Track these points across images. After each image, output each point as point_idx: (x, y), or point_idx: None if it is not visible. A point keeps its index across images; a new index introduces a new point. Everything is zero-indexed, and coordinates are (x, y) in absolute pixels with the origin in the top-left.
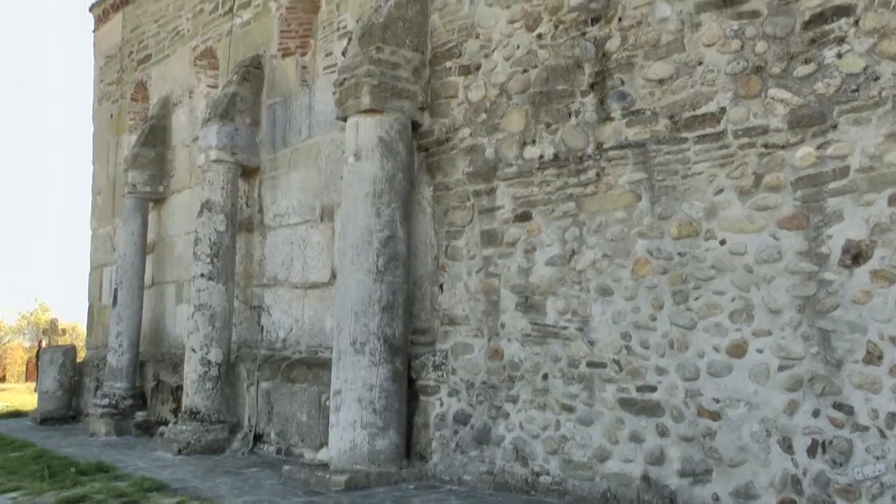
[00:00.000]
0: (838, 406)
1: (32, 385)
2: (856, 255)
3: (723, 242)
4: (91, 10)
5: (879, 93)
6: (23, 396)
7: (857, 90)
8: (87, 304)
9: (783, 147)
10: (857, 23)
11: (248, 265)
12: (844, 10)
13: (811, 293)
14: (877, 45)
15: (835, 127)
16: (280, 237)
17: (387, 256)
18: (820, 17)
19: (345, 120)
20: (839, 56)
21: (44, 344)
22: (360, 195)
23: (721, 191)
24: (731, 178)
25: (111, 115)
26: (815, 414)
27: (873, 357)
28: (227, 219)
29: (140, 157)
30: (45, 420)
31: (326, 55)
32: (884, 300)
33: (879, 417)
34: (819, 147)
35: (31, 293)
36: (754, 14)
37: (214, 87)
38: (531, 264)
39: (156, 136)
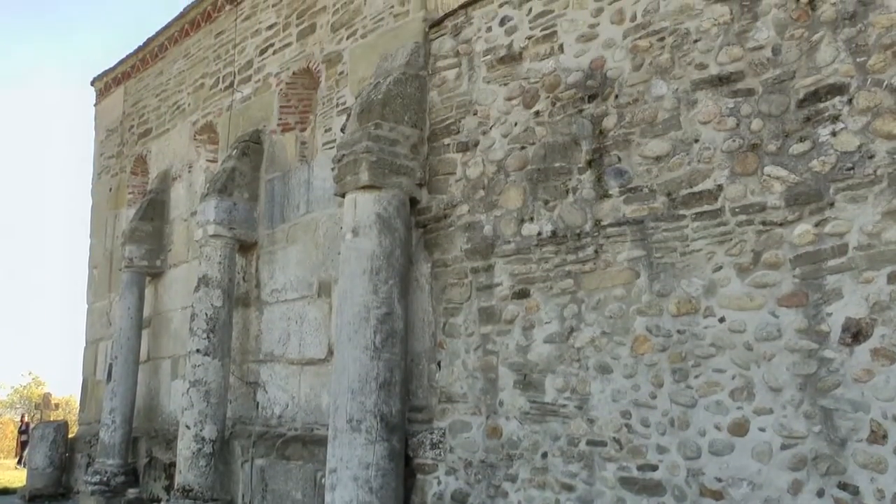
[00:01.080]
0: (843, 486)
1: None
2: (856, 334)
3: (722, 320)
4: (93, 83)
5: (875, 171)
6: (12, 473)
7: (853, 168)
8: (82, 379)
9: (781, 224)
10: (850, 101)
11: (244, 340)
12: (838, 89)
13: (812, 371)
14: (871, 123)
15: (832, 205)
16: (277, 312)
17: (384, 333)
18: (814, 96)
19: (343, 196)
20: (834, 134)
21: (27, 419)
22: (357, 271)
23: (720, 268)
24: (730, 256)
25: (110, 189)
26: (820, 494)
27: (877, 436)
28: (224, 294)
29: (138, 231)
30: (34, 498)
31: (325, 131)
32: (885, 379)
33: (886, 498)
34: (817, 225)
35: (25, 367)
36: (749, 92)
37: (214, 161)
38: (529, 342)
39: (154, 210)
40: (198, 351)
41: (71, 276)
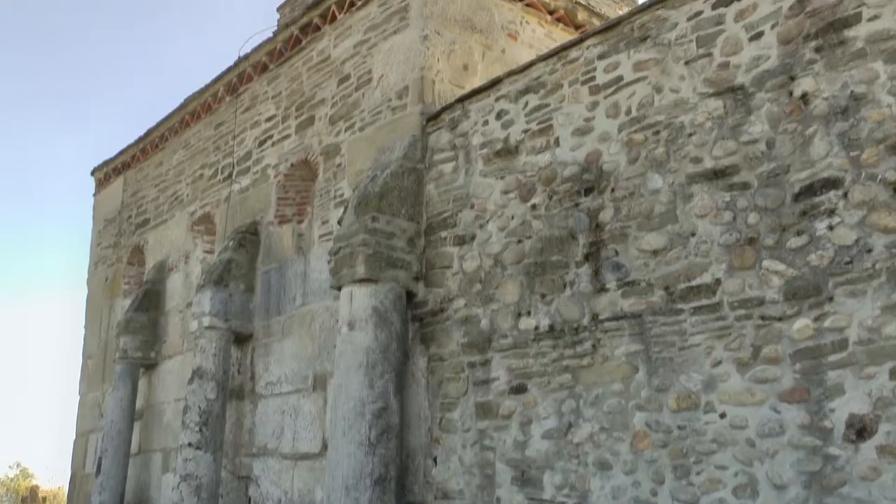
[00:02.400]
0: None
1: None
2: (860, 430)
3: (723, 415)
4: (92, 173)
5: (873, 265)
6: None
7: (851, 262)
8: (70, 472)
9: (780, 319)
10: (845, 195)
11: (237, 434)
12: (833, 183)
13: (817, 468)
14: (867, 217)
15: (831, 299)
16: (271, 406)
17: (379, 429)
18: (809, 190)
19: (339, 289)
20: (831, 228)
21: None
22: (353, 365)
23: (719, 363)
24: (729, 350)
25: (106, 279)
26: None
27: None
28: (218, 386)
29: (133, 321)
30: None
31: (322, 223)
32: (893, 477)
33: None
34: (816, 319)
35: (13, 458)
36: (745, 186)
37: (211, 252)
38: (527, 437)
39: (150, 301)
40: (190, 444)
41: (64, 366)
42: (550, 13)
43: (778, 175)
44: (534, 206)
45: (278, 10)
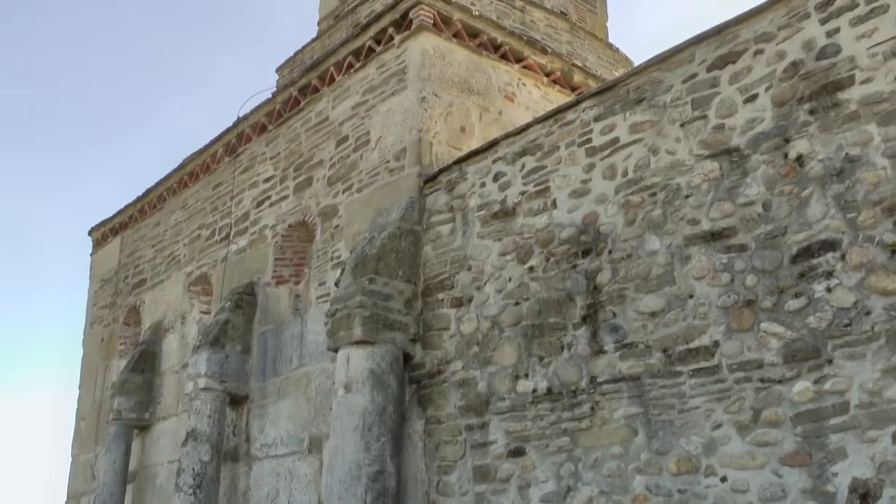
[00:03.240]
0: None
1: None
2: (864, 495)
3: (724, 479)
4: (90, 233)
5: (872, 327)
6: None
7: (850, 325)
8: None
9: (780, 381)
10: (843, 257)
11: (231, 497)
12: (830, 245)
13: None
14: (865, 279)
15: (830, 361)
16: (266, 468)
17: (375, 492)
18: (807, 252)
19: (336, 351)
20: (829, 290)
21: None
22: (349, 428)
23: (719, 426)
24: (729, 413)
25: (102, 339)
26: None
27: None
28: (213, 448)
29: (128, 382)
30: None
31: (320, 284)
32: None
33: None
34: (816, 382)
35: None
36: (742, 248)
37: (207, 313)
38: (526, 501)
39: (145, 362)
40: None
41: (56, 426)
42: (547, 75)
43: (775, 237)
44: (531, 268)
45: (277, 70)
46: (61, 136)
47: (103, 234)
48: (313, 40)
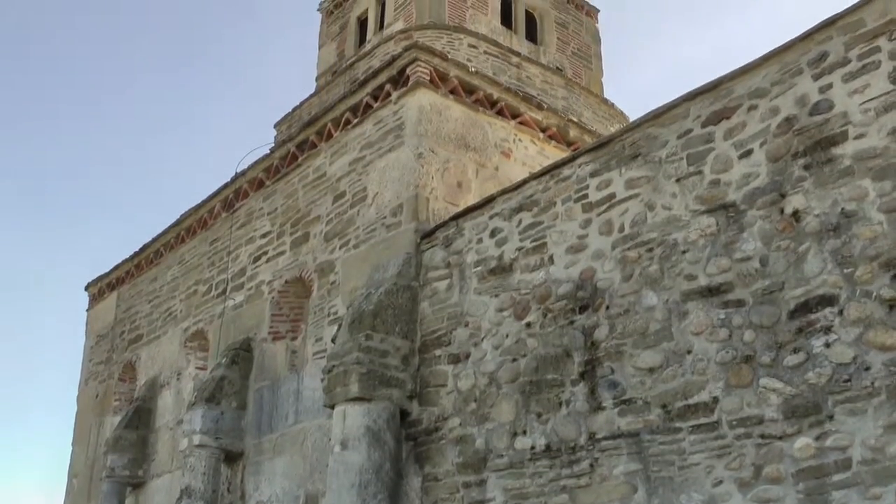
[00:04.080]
0: None
1: None
2: None
3: None
4: (87, 288)
5: (872, 383)
6: None
7: (850, 380)
8: None
9: (780, 438)
10: (841, 313)
11: None
12: (828, 300)
13: None
14: (863, 334)
15: (831, 417)
16: None
17: None
18: (804, 307)
19: (332, 407)
20: (827, 345)
21: None
22: (345, 485)
23: (720, 482)
24: (730, 470)
25: (97, 396)
26: None
27: None
28: None
29: (122, 439)
30: None
31: (316, 340)
32: None
33: None
34: (817, 438)
35: None
36: (740, 303)
37: (203, 368)
38: None
39: (140, 419)
40: None
41: (49, 484)
42: (543, 130)
43: (773, 292)
44: (528, 324)
45: (275, 126)
46: (58, 190)
47: (100, 289)
48: (311, 96)
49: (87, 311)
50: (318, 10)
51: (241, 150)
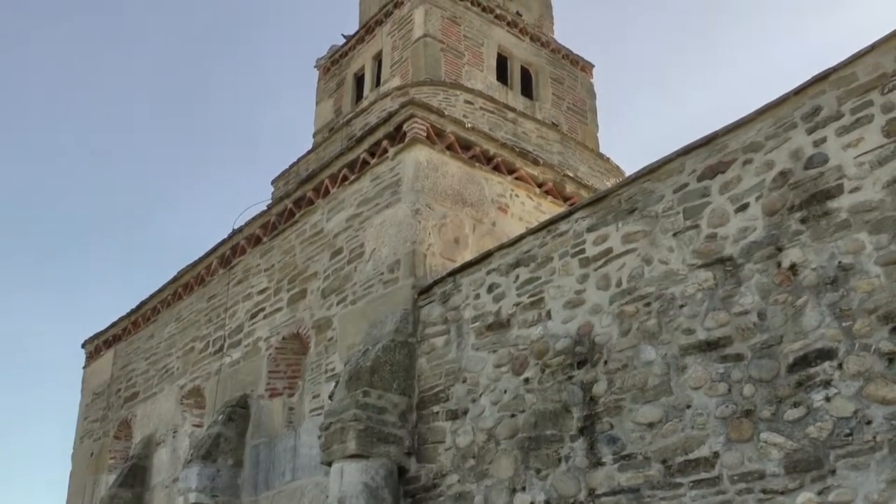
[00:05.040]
0: None
1: None
2: None
3: None
4: (83, 346)
5: (874, 437)
6: None
7: (851, 434)
8: None
9: (782, 493)
10: (840, 366)
11: None
12: (827, 354)
13: None
14: (863, 388)
15: (833, 472)
16: None
17: None
18: (803, 360)
19: (330, 464)
20: (828, 399)
21: None
22: None
23: None
24: None
25: (91, 454)
26: None
27: None
28: None
29: (117, 497)
30: None
31: (314, 397)
32: None
33: None
34: (820, 493)
35: None
36: (738, 357)
37: (199, 426)
38: None
39: (135, 477)
40: None
41: None
42: (539, 186)
43: (771, 346)
44: (527, 380)
45: (273, 182)
46: (55, 247)
47: (97, 346)
48: (308, 152)
49: (84, 368)
50: (316, 66)
51: (238, 207)
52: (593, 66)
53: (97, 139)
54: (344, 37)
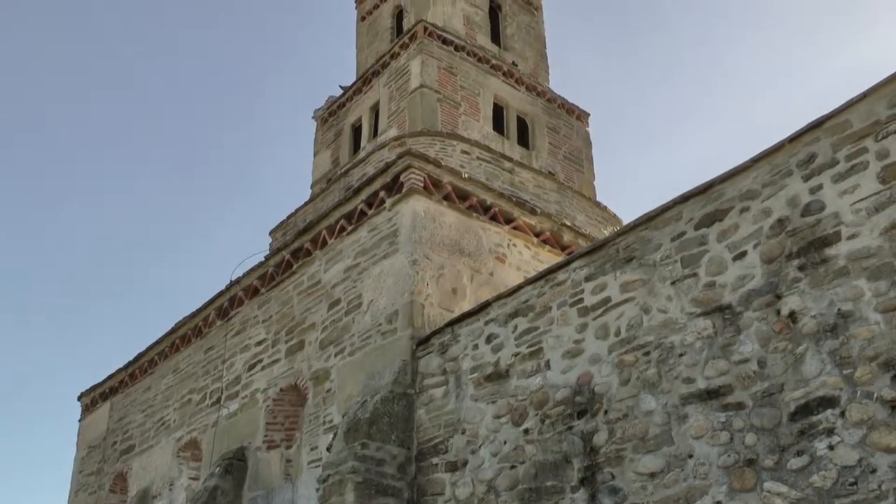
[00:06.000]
0: None
1: None
2: None
3: None
4: (79, 398)
5: (879, 486)
6: None
7: (856, 483)
8: None
9: None
10: (843, 414)
11: None
12: (829, 402)
13: None
14: (867, 436)
15: None
16: None
17: None
18: (805, 409)
19: None
20: (831, 448)
21: None
22: None
23: None
24: None
25: None
26: None
27: None
28: None
29: None
30: None
31: (311, 449)
32: None
33: None
34: None
35: None
36: (740, 406)
37: (196, 478)
38: None
39: None
40: None
41: None
42: (537, 235)
43: (772, 394)
44: (526, 431)
45: (270, 233)
46: (52, 299)
47: (93, 399)
48: (306, 203)
49: (80, 421)
50: (314, 117)
51: (236, 258)
52: (588, 114)
53: (95, 191)
54: (341, 88)
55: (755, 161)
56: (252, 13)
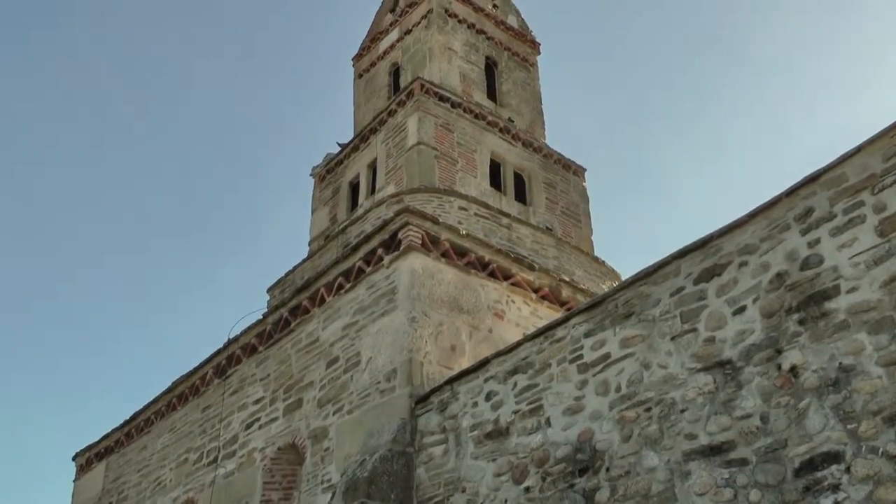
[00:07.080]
0: None
1: None
2: None
3: None
4: (74, 458)
5: None
6: None
7: None
8: None
9: None
10: (848, 469)
11: None
12: (834, 457)
13: None
14: (873, 492)
15: None
16: None
17: None
18: (810, 464)
19: None
20: None
21: None
22: None
23: None
24: None
25: None
26: None
27: None
28: None
29: None
30: None
31: None
32: None
33: None
34: None
35: None
36: (743, 462)
37: None
38: None
39: None
40: None
41: None
42: (535, 291)
43: (776, 450)
44: (527, 489)
45: (268, 291)
46: (47, 357)
47: (88, 459)
48: (304, 260)
49: (74, 481)
50: (311, 175)
51: (234, 315)
52: (585, 169)
53: (96, 249)
54: (339, 145)
55: (753, 215)
56: (251, 72)
